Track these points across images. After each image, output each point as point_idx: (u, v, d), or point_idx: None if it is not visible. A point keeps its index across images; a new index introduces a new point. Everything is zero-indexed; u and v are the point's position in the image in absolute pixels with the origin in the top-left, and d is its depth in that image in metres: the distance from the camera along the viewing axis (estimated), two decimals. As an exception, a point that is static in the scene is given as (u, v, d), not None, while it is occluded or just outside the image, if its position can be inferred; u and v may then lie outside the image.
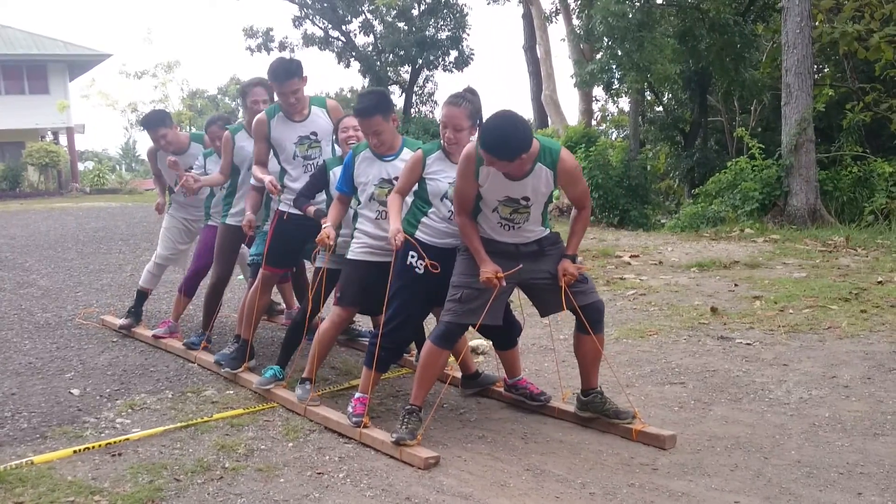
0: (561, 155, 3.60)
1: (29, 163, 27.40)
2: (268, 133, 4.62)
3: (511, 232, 3.73)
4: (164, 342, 5.60)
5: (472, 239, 3.68)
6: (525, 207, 3.65)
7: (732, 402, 4.30)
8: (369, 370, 3.96)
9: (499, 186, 3.59)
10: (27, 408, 4.40)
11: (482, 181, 3.60)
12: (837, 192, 13.18)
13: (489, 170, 3.55)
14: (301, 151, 4.63)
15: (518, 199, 3.62)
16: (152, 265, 6.08)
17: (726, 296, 6.99)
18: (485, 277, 3.59)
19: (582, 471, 3.46)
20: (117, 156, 59.22)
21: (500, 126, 3.41)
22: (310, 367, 4.30)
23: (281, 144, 4.63)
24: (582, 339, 3.86)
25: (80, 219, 15.41)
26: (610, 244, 10.62)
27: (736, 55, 16.24)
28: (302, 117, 4.63)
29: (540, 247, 3.80)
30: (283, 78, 4.47)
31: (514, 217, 3.68)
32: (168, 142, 5.73)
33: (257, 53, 28.90)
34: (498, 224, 3.71)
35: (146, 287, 6.13)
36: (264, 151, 4.69)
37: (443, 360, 3.83)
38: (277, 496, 3.26)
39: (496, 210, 3.67)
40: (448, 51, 28.89)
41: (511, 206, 3.64)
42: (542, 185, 3.61)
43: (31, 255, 10.26)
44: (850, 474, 3.32)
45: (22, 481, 3.39)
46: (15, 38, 28.90)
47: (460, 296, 3.71)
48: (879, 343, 5.25)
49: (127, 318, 6.06)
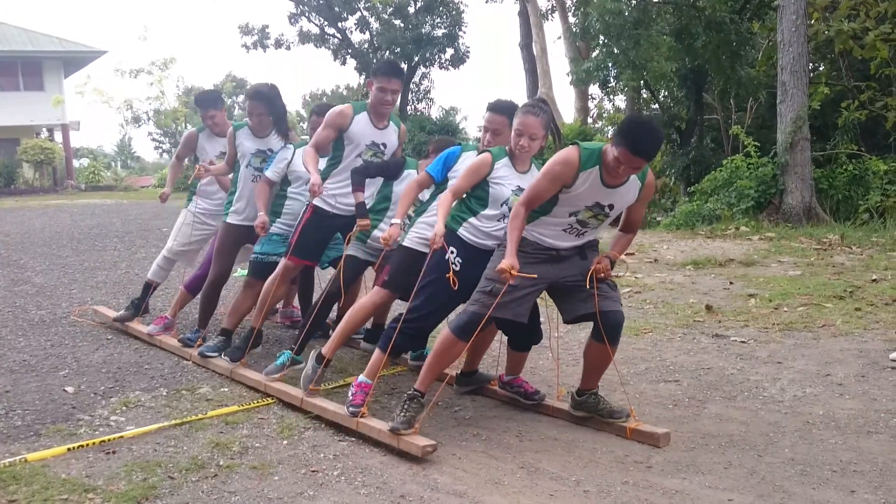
0: (648, 171, 3.69)
1: (24, 159, 27.33)
2: (347, 126, 4.56)
3: (571, 237, 3.77)
4: (158, 339, 5.58)
5: (514, 229, 3.67)
6: (605, 215, 3.71)
7: (727, 399, 4.31)
8: (382, 353, 3.96)
9: (592, 192, 3.62)
10: (21, 405, 4.39)
11: (576, 187, 3.61)
12: (832, 190, 13.19)
13: (591, 175, 3.58)
14: (366, 155, 4.62)
15: (604, 206, 3.67)
16: (161, 258, 6.01)
17: (721, 294, 7.01)
18: (502, 266, 3.59)
19: (576, 468, 3.47)
20: (113, 153, 59.07)
21: (654, 128, 3.48)
22: (333, 345, 4.27)
23: (354, 141, 4.60)
24: (594, 346, 3.86)
25: (75, 216, 15.36)
26: (605, 242, 10.60)
27: (732, 53, 16.23)
28: (383, 125, 4.64)
29: (580, 250, 3.84)
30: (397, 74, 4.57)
31: (590, 222, 3.72)
32: (215, 123, 5.75)
33: (253, 50, 28.90)
34: (566, 228, 3.73)
35: (153, 280, 6.05)
36: (328, 140, 4.62)
37: (457, 351, 3.82)
38: (272, 494, 3.26)
39: (575, 214, 3.69)
40: (444, 48, 28.91)
41: (595, 210, 3.68)
42: (628, 195, 3.69)
43: (25, 253, 10.23)
44: (843, 472, 3.33)
45: (15, 479, 3.38)
46: (10, 34, 28.81)
47: (491, 288, 3.70)
48: (874, 341, 5.26)
49: (126, 311, 6.04)
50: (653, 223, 15.15)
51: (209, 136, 5.82)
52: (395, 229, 4.05)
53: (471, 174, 3.91)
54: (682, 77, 17.75)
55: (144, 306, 6.05)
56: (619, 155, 3.43)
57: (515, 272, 3.59)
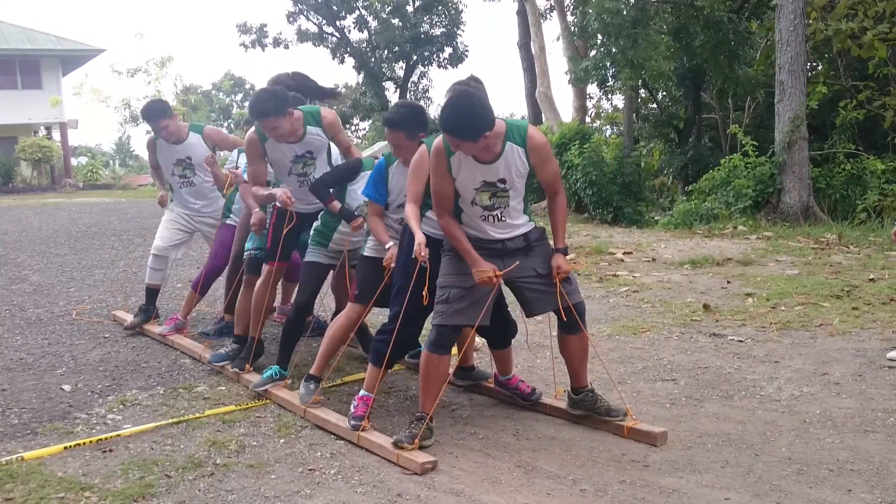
0: (529, 132, 3.58)
1: (22, 158, 27.30)
2: (263, 152, 4.52)
3: (496, 225, 3.68)
4: (170, 339, 5.57)
5: (459, 240, 3.63)
6: (503, 191, 3.60)
7: (724, 398, 4.32)
8: (377, 368, 3.92)
9: (473, 172, 3.56)
10: (18, 403, 4.39)
11: (455, 172, 3.57)
12: (830, 190, 13.20)
13: (460, 158, 3.54)
14: (297, 170, 4.59)
15: (495, 182, 3.58)
16: (151, 258, 6.00)
17: (719, 293, 7.01)
18: (481, 278, 3.55)
19: (573, 467, 3.47)
20: (111, 151, 59.03)
21: (460, 106, 3.41)
22: (319, 364, 4.27)
23: (277, 163, 4.58)
24: (567, 338, 3.86)
25: (73, 214, 15.35)
26: (603, 241, 10.63)
27: (730, 52, 16.25)
28: (297, 139, 4.52)
29: (526, 242, 3.76)
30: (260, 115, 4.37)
31: (493, 203, 3.62)
32: (169, 132, 5.68)
33: (251, 49, 28.90)
34: (481, 217, 3.67)
35: (151, 283, 6.03)
36: (263, 171, 4.61)
37: (443, 366, 3.73)
38: (268, 492, 3.26)
39: (475, 201, 3.62)
40: (443, 47, 28.93)
41: (489, 190, 3.59)
42: (514, 164, 3.57)
43: (23, 251, 10.22)
44: (840, 471, 3.34)
45: (12, 477, 3.38)
46: (7, 32, 28.75)
47: (447, 296, 3.66)
48: (871, 340, 5.27)
49: (136, 317, 6.04)
50: (651, 222, 15.16)
51: (162, 145, 5.78)
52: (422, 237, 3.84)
53: (415, 173, 3.82)
54: (681, 76, 17.77)
55: (152, 310, 6.04)
56: (447, 139, 3.46)
57: (499, 273, 3.58)
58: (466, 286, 3.63)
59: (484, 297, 3.68)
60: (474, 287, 3.63)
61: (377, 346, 3.93)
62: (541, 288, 3.76)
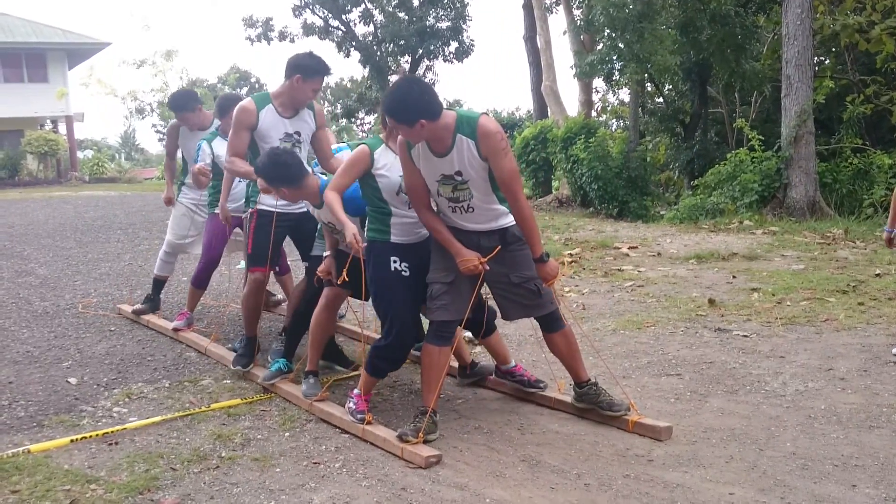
0: (479, 121, 3.46)
1: (28, 151, 27.36)
2: (255, 124, 4.42)
3: (466, 215, 3.64)
4: (181, 334, 5.58)
5: (440, 230, 3.63)
6: (462, 184, 3.55)
7: (728, 393, 4.31)
8: (373, 378, 3.93)
9: (431, 166, 3.55)
10: (24, 396, 4.41)
11: (418, 163, 3.57)
12: (837, 185, 13.15)
13: (419, 150, 3.54)
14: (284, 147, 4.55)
15: (452, 175, 3.54)
16: (162, 252, 6.11)
17: (724, 288, 6.99)
18: (466, 266, 3.56)
19: (577, 462, 3.47)
20: (117, 144, 59.14)
21: (399, 88, 3.43)
22: (312, 357, 4.28)
23: (266, 137, 4.44)
24: (550, 338, 3.92)
25: (79, 207, 15.39)
26: (609, 235, 10.62)
27: (737, 47, 16.17)
28: (292, 113, 4.51)
29: (503, 240, 3.70)
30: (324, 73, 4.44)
31: (457, 196, 3.58)
32: (192, 124, 5.78)
33: (257, 43, 28.87)
34: (450, 209, 3.65)
35: (160, 274, 6.15)
36: (245, 143, 4.45)
37: (443, 358, 3.75)
38: (273, 486, 3.27)
39: (439, 193, 3.61)
40: (448, 41, 28.86)
41: (449, 183, 3.56)
42: (467, 156, 3.49)
43: (29, 244, 10.25)
44: (844, 466, 3.33)
45: (18, 470, 3.40)
46: (14, 25, 28.81)
47: (431, 292, 3.71)
48: (876, 335, 5.26)
49: (143, 304, 6.11)
50: (656, 217, 15.14)
51: (185, 132, 5.87)
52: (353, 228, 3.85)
53: (349, 168, 3.79)
54: (687, 70, 17.70)
55: (157, 302, 6.15)
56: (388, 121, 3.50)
57: (483, 260, 3.58)
58: (447, 281, 3.65)
59: (467, 290, 3.68)
60: (455, 281, 3.64)
61: (376, 364, 3.86)
62: (512, 297, 3.78)
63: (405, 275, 3.78)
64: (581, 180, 16.18)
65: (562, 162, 16.99)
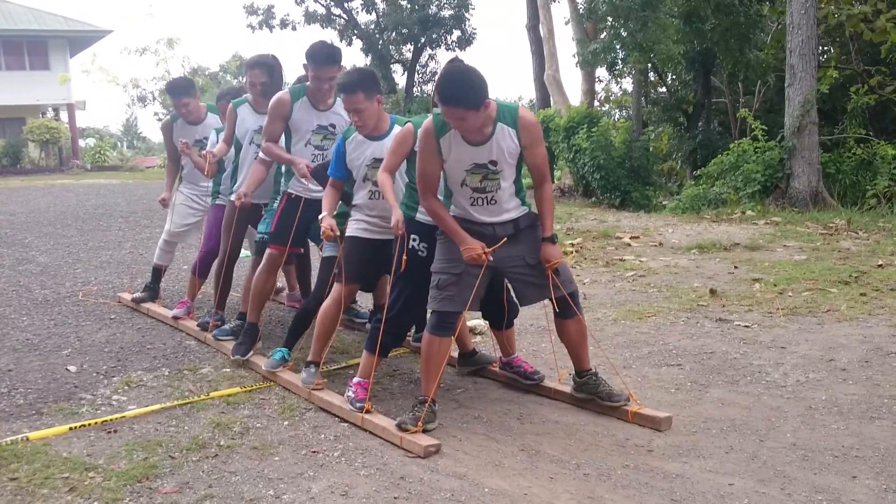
0: (520, 112, 3.54)
1: (30, 139, 27.37)
2: (289, 115, 4.49)
3: (487, 207, 3.63)
4: (181, 323, 5.57)
5: (445, 220, 3.61)
6: (494, 173, 3.56)
7: (729, 384, 4.30)
8: (371, 355, 3.92)
9: (463, 154, 3.53)
10: (24, 384, 4.40)
11: (445, 153, 3.54)
12: (840, 175, 13.10)
13: (450, 139, 3.50)
14: (315, 140, 4.56)
15: (486, 164, 3.54)
16: (162, 241, 6.15)
17: (726, 278, 6.98)
18: (470, 255, 3.54)
19: (577, 452, 3.46)
20: (118, 133, 59.08)
21: (460, 72, 3.37)
22: (315, 348, 4.26)
23: (298, 129, 4.52)
24: (563, 323, 3.85)
25: (81, 196, 15.39)
26: (611, 225, 10.60)
27: (741, 36, 16.11)
28: (326, 107, 4.54)
29: (516, 228, 3.71)
30: (324, 62, 4.35)
31: (484, 186, 3.58)
32: (189, 111, 5.76)
33: (258, 31, 28.80)
34: (471, 200, 3.63)
35: (159, 263, 6.19)
36: (278, 131, 4.56)
37: (444, 348, 3.72)
38: (272, 474, 3.26)
39: (465, 183, 3.59)
40: (451, 29, 28.76)
41: (480, 172, 3.55)
42: (506, 145, 3.52)
43: (30, 232, 10.25)
44: (845, 457, 3.32)
45: (17, 457, 3.39)
46: (16, 13, 28.75)
47: (437, 282, 3.67)
48: (878, 326, 5.24)
49: (142, 293, 6.14)
50: (658, 207, 15.11)
51: (183, 125, 5.85)
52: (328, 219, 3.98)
53: (396, 148, 3.82)
54: (690, 60, 17.66)
55: (156, 291, 6.18)
56: (441, 111, 3.38)
57: (487, 250, 3.55)
58: (455, 272, 3.61)
59: (473, 282, 3.64)
60: (463, 273, 3.61)
61: (373, 333, 3.92)
62: (530, 279, 3.75)
63: (421, 255, 3.78)
64: (583, 170, 16.14)
65: (564, 151, 16.94)
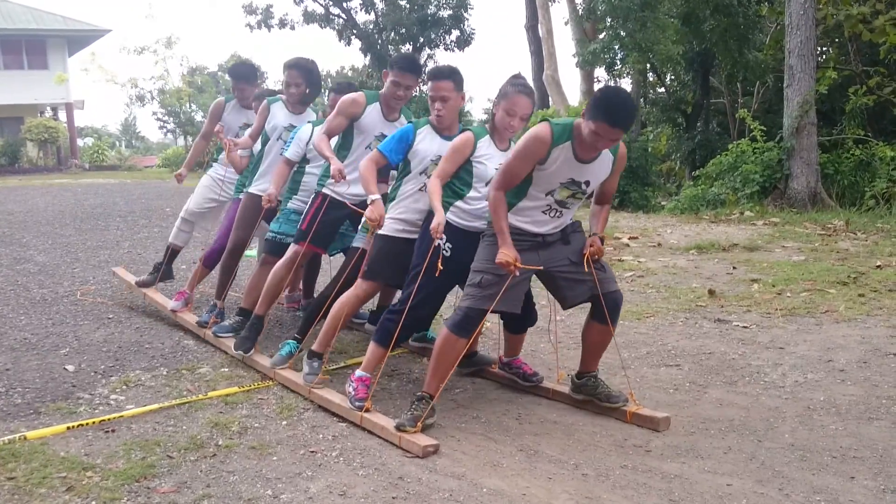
0: (620, 143, 3.64)
1: (28, 138, 27.36)
2: (359, 115, 4.45)
3: (554, 220, 3.71)
4: (179, 316, 5.56)
5: (501, 217, 3.60)
6: (582, 192, 3.66)
7: (727, 384, 4.30)
8: (381, 347, 3.91)
9: (566, 169, 3.57)
10: (21, 383, 4.39)
11: (549, 164, 3.54)
12: (838, 176, 13.11)
13: (562, 151, 3.52)
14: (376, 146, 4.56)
15: (580, 183, 3.62)
16: (179, 220, 6.07)
17: (724, 278, 6.98)
18: (502, 260, 3.53)
19: (575, 452, 3.46)
20: (117, 132, 59.03)
21: (628, 99, 3.45)
22: (322, 340, 4.22)
23: (364, 131, 4.49)
24: (594, 326, 3.85)
25: (79, 195, 15.37)
26: (609, 226, 10.58)
27: (739, 36, 16.12)
28: (394, 118, 4.52)
29: (563, 234, 3.79)
30: (407, 69, 4.36)
31: (568, 201, 3.67)
32: (244, 96, 5.79)
33: (257, 30, 28.77)
34: (543, 209, 3.67)
35: (175, 243, 6.10)
36: (341, 127, 4.50)
37: (459, 349, 3.71)
38: (270, 474, 3.26)
39: (552, 193, 3.63)
40: (450, 29, 28.70)
41: (571, 188, 3.62)
42: (602, 170, 3.66)
43: (28, 231, 10.24)
44: (843, 458, 3.32)
45: (14, 457, 3.38)
46: (14, 12, 28.71)
47: (480, 280, 3.66)
48: (876, 327, 5.24)
49: (149, 275, 6.14)
50: (657, 207, 15.10)
51: (235, 107, 5.86)
52: (380, 206, 3.92)
53: (454, 155, 3.83)
54: (689, 60, 17.66)
55: (169, 272, 6.15)
56: (597, 129, 3.36)
57: (519, 264, 3.54)
58: (500, 273, 3.60)
59: (514, 287, 3.65)
60: (507, 275, 3.59)
61: (385, 325, 3.90)
62: (574, 276, 3.76)
63: (445, 255, 3.77)
64: (582, 170, 16.11)
65: (563, 151, 16.91)
